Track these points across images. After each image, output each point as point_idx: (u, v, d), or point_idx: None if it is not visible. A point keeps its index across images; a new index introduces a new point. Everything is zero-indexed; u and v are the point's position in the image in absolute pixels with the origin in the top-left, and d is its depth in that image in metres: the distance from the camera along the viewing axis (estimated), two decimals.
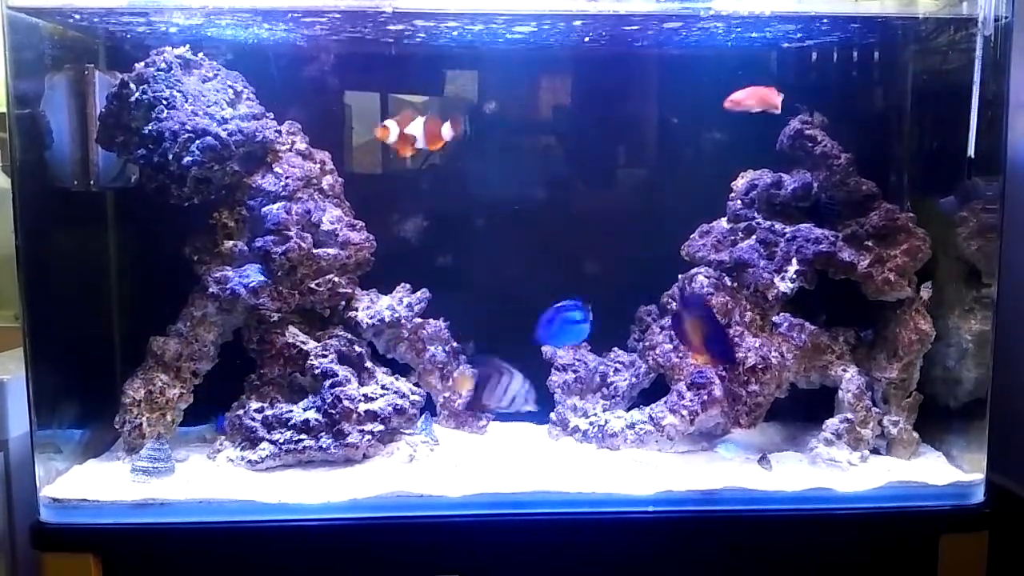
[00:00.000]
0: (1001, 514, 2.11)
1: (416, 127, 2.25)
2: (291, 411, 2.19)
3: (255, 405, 2.22)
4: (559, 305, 2.20)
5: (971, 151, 2.12)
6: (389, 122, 2.28)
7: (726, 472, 2.18)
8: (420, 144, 2.27)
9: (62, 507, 2.00)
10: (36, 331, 2.02)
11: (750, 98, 2.26)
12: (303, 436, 2.16)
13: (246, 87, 2.32)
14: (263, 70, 2.39)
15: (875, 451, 2.29)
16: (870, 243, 2.31)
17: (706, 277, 2.38)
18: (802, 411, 2.41)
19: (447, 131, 2.27)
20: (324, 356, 2.25)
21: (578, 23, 2.26)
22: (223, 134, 2.18)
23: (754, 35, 2.39)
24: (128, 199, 2.40)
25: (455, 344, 2.49)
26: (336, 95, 2.57)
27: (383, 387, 2.28)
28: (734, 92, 2.26)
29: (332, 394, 2.18)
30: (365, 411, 2.20)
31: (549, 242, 2.62)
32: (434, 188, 2.65)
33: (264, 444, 2.16)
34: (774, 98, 2.26)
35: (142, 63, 2.19)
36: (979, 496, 2.13)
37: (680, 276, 2.45)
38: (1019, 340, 2.29)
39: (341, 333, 2.33)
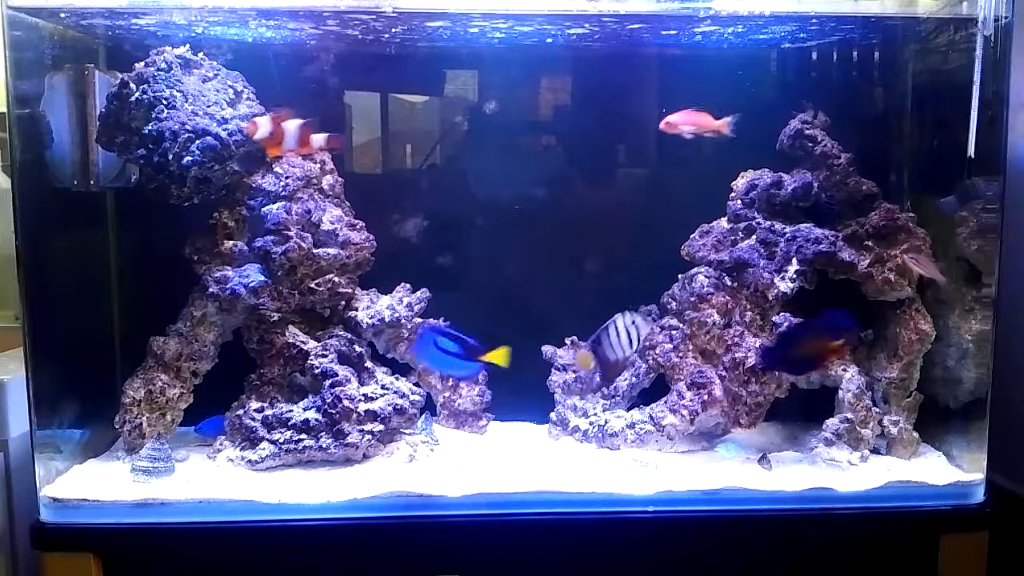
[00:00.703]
0: (1001, 514, 2.11)
1: (289, 127, 2.15)
2: (291, 411, 2.19)
3: (255, 405, 2.22)
4: (437, 327, 2.18)
5: (971, 151, 2.12)
6: (261, 118, 2.18)
7: (726, 472, 2.18)
8: (290, 146, 2.17)
9: (62, 507, 2.00)
10: (36, 331, 2.02)
11: (684, 122, 2.24)
12: (303, 436, 2.16)
13: (246, 87, 2.32)
14: (263, 70, 2.39)
15: (875, 451, 2.29)
16: (870, 243, 2.31)
17: (706, 277, 2.38)
18: (802, 411, 2.41)
19: (319, 140, 2.17)
20: (324, 356, 2.25)
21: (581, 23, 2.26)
22: (223, 134, 2.18)
23: (754, 35, 2.39)
24: (128, 199, 2.40)
25: None
26: (336, 95, 2.57)
27: (383, 387, 2.28)
28: (672, 114, 2.25)
29: (332, 394, 2.18)
30: (365, 411, 2.20)
31: (549, 242, 2.61)
32: (434, 188, 2.66)
33: (264, 444, 2.16)
34: (709, 123, 2.23)
35: (142, 63, 2.19)
36: (979, 496, 2.13)
37: (680, 276, 2.45)
38: (1019, 340, 2.29)
39: (341, 333, 2.33)
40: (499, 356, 2.06)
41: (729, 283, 2.37)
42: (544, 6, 2.16)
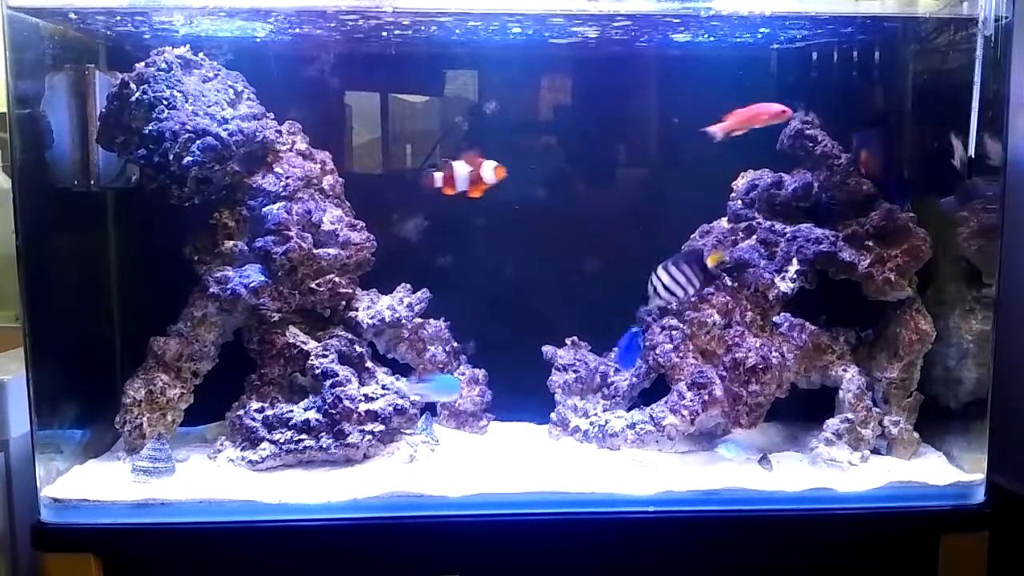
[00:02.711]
0: (1001, 514, 2.11)
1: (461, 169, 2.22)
2: (292, 411, 2.19)
3: (256, 405, 2.22)
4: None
5: (971, 151, 2.12)
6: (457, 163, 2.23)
7: (727, 472, 2.18)
8: (462, 187, 2.24)
9: (62, 507, 2.00)
10: (36, 331, 2.02)
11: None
12: (304, 436, 2.16)
13: (247, 87, 2.32)
14: (264, 70, 2.39)
15: (875, 451, 2.29)
16: (870, 243, 2.31)
17: None
18: (802, 411, 2.41)
19: (488, 174, 2.22)
20: (325, 356, 2.25)
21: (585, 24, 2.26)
22: (223, 134, 2.18)
23: (754, 35, 2.39)
24: (128, 199, 2.40)
25: (455, 344, 2.49)
26: (336, 95, 2.57)
27: (383, 387, 2.28)
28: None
29: (333, 394, 2.18)
30: (366, 411, 2.20)
31: (550, 242, 2.61)
32: (434, 188, 2.65)
33: (265, 444, 2.16)
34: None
35: (142, 63, 2.19)
36: (979, 496, 2.13)
37: None
38: (1019, 340, 2.29)
39: (342, 333, 2.33)
40: None
41: (729, 283, 2.37)
42: (544, 6, 2.16)
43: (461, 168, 2.20)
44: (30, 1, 2.03)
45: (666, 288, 2.14)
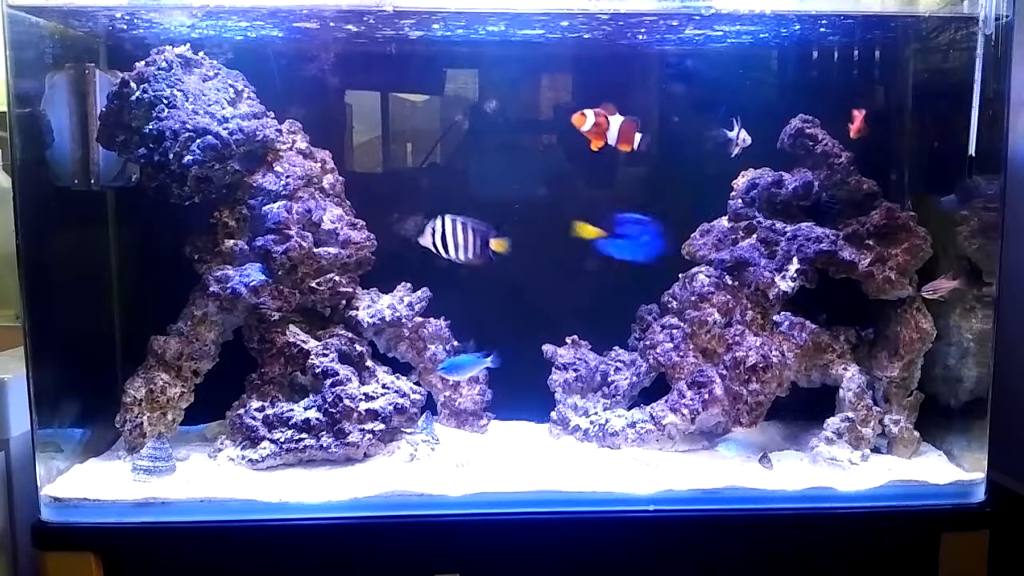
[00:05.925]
0: (1002, 513, 2.11)
1: (613, 121, 2.17)
2: (292, 410, 2.19)
3: (256, 404, 2.22)
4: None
5: (972, 150, 2.12)
6: (588, 111, 2.18)
7: (727, 471, 2.18)
8: (611, 141, 2.19)
9: (63, 506, 2.00)
10: (37, 330, 2.02)
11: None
12: (304, 435, 2.16)
13: (247, 86, 2.32)
14: (264, 69, 2.39)
15: (876, 450, 2.29)
16: (871, 242, 2.31)
17: (707, 276, 2.38)
18: (803, 410, 2.41)
19: (636, 139, 2.19)
20: (325, 355, 2.25)
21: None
22: (224, 133, 2.18)
23: (755, 33, 2.39)
24: (128, 198, 2.40)
25: (456, 343, 2.49)
26: (337, 94, 2.57)
27: (384, 386, 2.29)
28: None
29: (333, 393, 2.18)
30: (366, 410, 2.20)
31: (550, 241, 2.61)
32: (435, 187, 2.65)
33: (265, 443, 2.16)
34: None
35: (143, 62, 2.19)
36: (980, 495, 2.13)
37: (680, 275, 2.45)
38: (1019, 339, 2.29)
39: (342, 332, 2.34)
40: None
41: (730, 282, 2.37)
42: (544, 5, 2.16)
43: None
44: (30, 0, 2.03)
45: (443, 238, 2.14)
